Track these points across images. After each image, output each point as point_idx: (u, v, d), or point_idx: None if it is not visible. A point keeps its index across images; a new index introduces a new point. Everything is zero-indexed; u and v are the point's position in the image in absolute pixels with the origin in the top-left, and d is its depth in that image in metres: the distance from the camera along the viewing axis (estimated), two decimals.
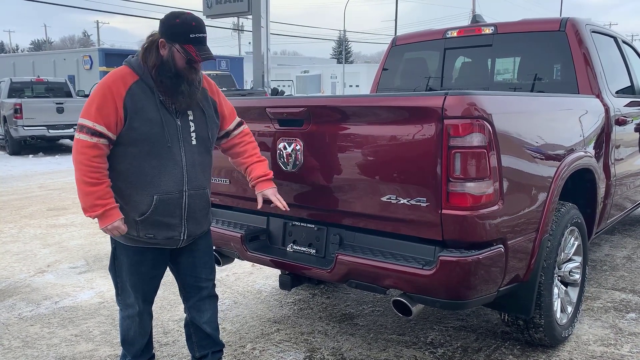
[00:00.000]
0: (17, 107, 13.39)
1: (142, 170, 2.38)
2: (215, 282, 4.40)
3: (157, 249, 2.52)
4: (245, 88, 24.43)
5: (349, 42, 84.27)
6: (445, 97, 2.38)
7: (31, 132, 13.54)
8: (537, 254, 2.80)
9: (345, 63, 61.38)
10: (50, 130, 13.76)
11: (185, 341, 3.35)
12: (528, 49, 4.10)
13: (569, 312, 3.29)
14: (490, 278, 2.50)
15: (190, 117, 2.48)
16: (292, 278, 3.05)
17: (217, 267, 4.34)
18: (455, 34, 4.43)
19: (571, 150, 3.11)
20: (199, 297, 2.72)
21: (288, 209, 2.74)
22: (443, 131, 2.38)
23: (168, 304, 3.99)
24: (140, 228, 2.42)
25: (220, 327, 3.56)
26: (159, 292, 2.78)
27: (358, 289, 3.10)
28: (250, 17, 21.16)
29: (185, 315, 2.81)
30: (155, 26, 2.53)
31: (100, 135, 2.29)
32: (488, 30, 4.25)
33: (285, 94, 21.13)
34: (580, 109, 3.43)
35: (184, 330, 2.86)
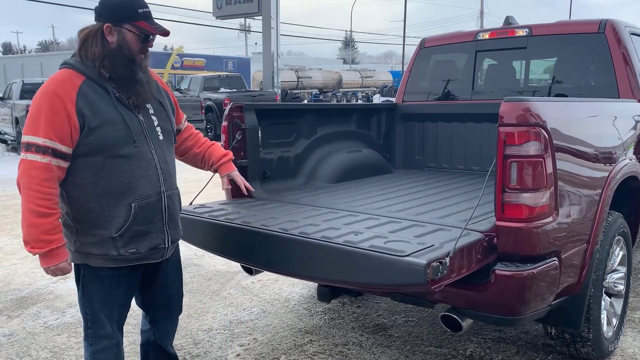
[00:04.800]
0: (29, 108, 13.35)
1: (113, 179, 2.11)
2: (242, 289, 4.37)
3: (132, 269, 2.25)
4: (252, 89, 24.34)
5: (356, 43, 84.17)
6: (500, 104, 2.28)
7: None
8: (588, 266, 2.69)
9: (351, 64, 61.23)
10: None
11: (215, 351, 3.28)
12: (564, 51, 3.99)
13: (614, 324, 3.18)
14: (545, 293, 2.40)
15: (151, 111, 2.26)
16: (330, 289, 2.96)
17: (249, 276, 4.26)
18: (487, 36, 4.32)
19: (619, 157, 3.00)
20: (169, 316, 2.53)
21: (253, 190, 2.74)
22: (498, 139, 2.28)
23: (195, 312, 3.90)
24: (120, 245, 2.14)
25: (251, 337, 3.49)
26: (185, 299, 2.68)
27: (403, 303, 3.00)
28: (259, 17, 21.11)
29: (146, 334, 2.56)
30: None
31: (53, 153, 2.01)
32: (522, 33, 4.14)
33: (295, 96, 21.04)
34: (627, 114, 3.31)
35: (139, 350, 2.60)
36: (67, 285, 4.49)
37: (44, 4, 27.54)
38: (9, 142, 15.36)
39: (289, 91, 20.03)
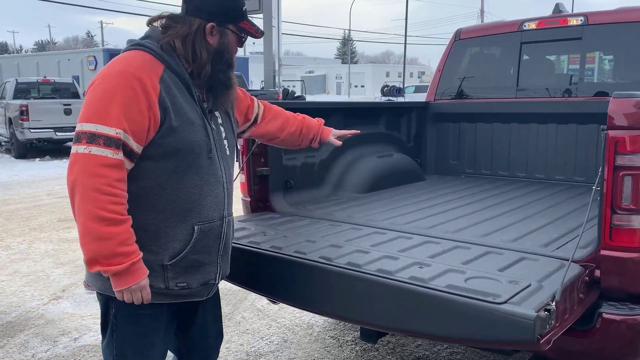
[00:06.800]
0: (23, 108, 12.82)
1: (181, 192, 1.72)
2: (257, 312, 3.87)
3: (172, 308, 1.84)
4: (252, 89, 23.86)
5: (354, 42, 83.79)
6: (609, 101, 1.79)
7: (38, 134, 12.97)
8: None
9: (350, 63, 60.90)
10: (57, 133, 13.17)
11: None
12: (629, 42, 3.50)
13: None
14: None
15: (219, 120, 1.90)
16: None
17: (274, 305, 3.75)
18: (534, 26, 3.84)
19: None
20: None
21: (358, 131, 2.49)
22: (606, 146, 1.79)
23: None
24: (170, 276, 1.74)
25: None
26: None
27: (470, 348, 2.51)
28: (260, 16, 20.64)
29: None
30: None
31: (125, 149, 1.60)
32: (576, 22, 3.65)
33: (295, 95, 20.52)
34: None
35: None
36: (60, 308, 3.99)
37: (41, 3, 26.99)
38: (3, 143, 14.83)
39: (290, 90, 19.47)
